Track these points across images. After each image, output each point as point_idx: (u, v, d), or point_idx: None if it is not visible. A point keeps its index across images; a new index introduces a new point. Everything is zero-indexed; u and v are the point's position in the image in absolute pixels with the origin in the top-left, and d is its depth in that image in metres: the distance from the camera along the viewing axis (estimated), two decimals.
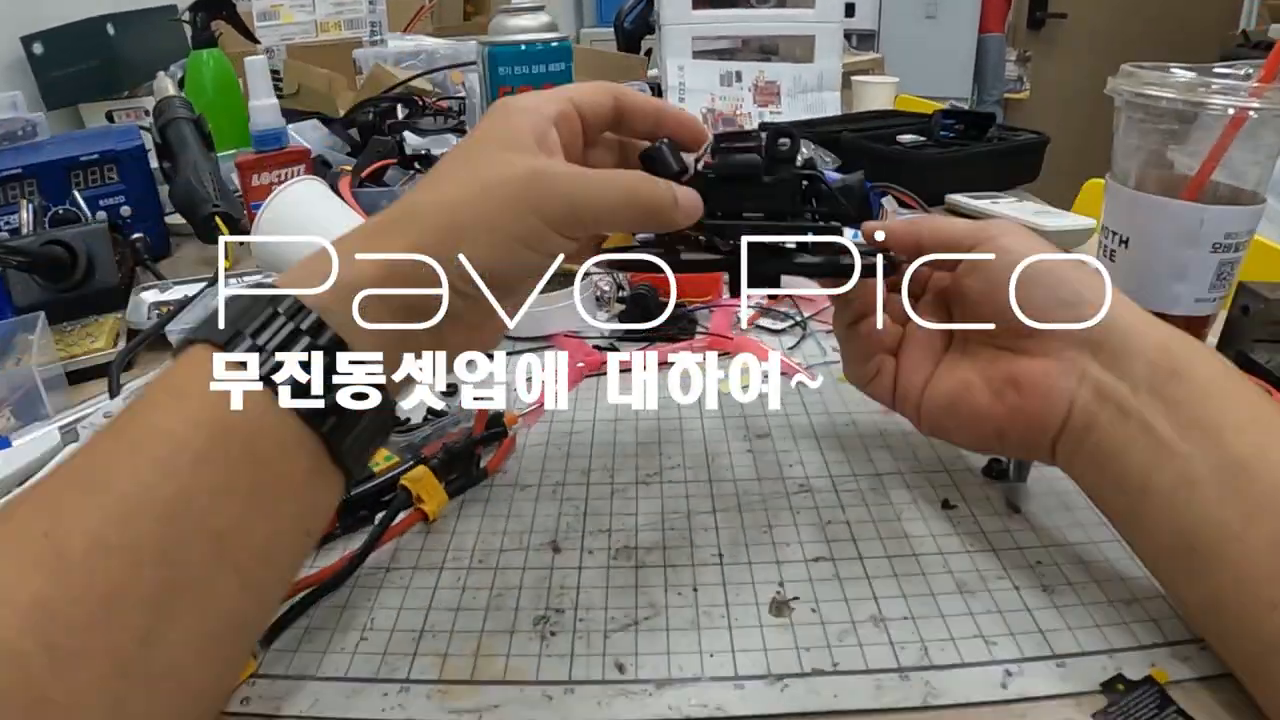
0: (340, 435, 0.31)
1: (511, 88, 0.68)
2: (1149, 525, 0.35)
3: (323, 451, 0.31)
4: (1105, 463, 0.36)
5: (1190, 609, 0.35)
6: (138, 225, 0.85)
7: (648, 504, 0.45)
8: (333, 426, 0.31)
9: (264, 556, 0.30)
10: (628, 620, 0.37)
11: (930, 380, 0.42)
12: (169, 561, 0.27)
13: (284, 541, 0.31)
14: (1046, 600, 0.37)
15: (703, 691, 0.33)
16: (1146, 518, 0.35)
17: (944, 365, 0.43)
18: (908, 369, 0.43)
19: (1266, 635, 0.30)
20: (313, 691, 0.34)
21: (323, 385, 0.31)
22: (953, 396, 0.41)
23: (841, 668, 0.34)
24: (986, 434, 0.40)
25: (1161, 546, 0.35)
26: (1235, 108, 0.52)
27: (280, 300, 0.31)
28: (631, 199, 0.36)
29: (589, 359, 0.59)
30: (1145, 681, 0.33)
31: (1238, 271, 0.57)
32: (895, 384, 0.44)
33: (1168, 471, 0.34)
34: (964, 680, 0.33)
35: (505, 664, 0.35)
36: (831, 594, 0.38)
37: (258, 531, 0.30)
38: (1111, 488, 0.36)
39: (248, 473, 0.29)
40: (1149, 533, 0.35)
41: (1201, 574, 0.33)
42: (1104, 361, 0.36)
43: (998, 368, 0.40)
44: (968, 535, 0.41)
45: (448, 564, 0.40)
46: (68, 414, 0.52)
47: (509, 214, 0.34)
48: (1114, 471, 0.36)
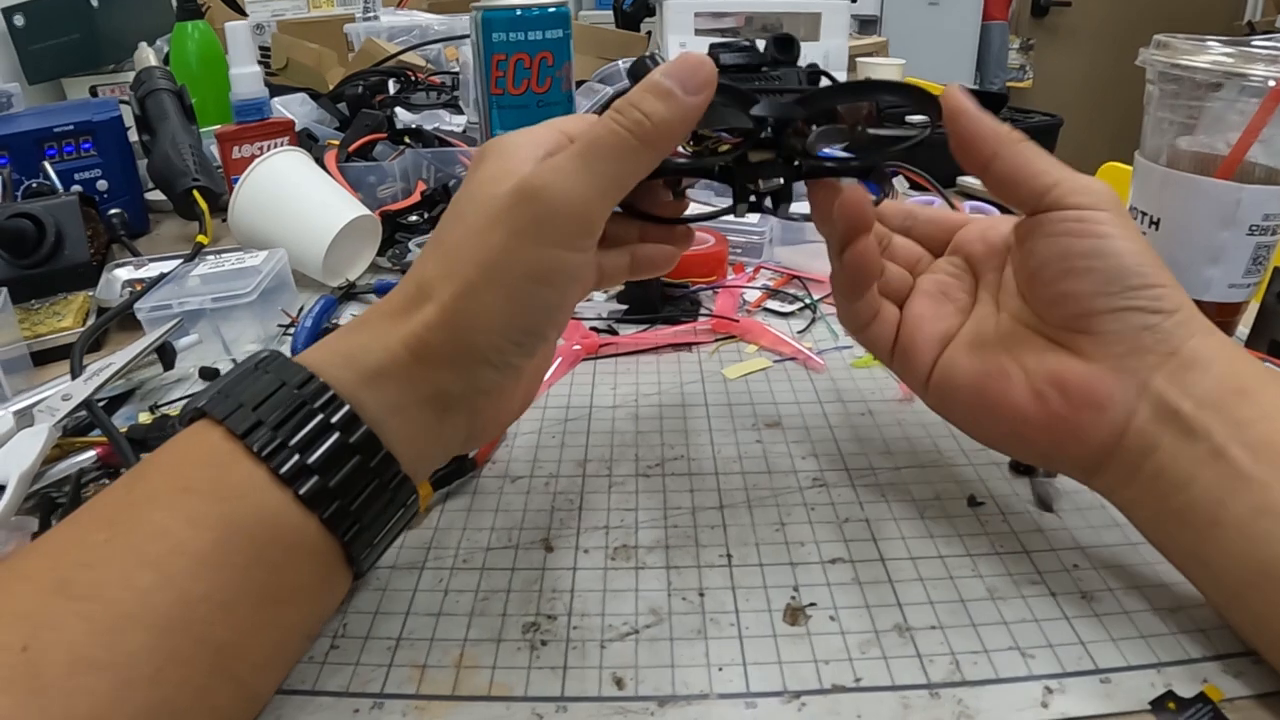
0: (362, 540, 0.29)
1: (505, 55, 0.64)
2: (1221, 560, 0.31)
3: (339, 557, 0.29)
4: (1168, 493, 0.32)
5: (1268, 646, 0.31)
6: (115, 200, 0.82)
7: (648, 499, 0.41)
8: (355, 532, 0.29)
9: (265, 667, 0.28)
10: (627, 629, 0.33)
11: (949, 349, 0.37)
12: (163, 680, 0.24)
13: (287, 650, 0.29)
14: (1086, 608, 0.34)
15: (710, 710, 0.30)
16: (1218, 552, 0.31)
17: (971, 337, 0.37)
18: (914, 324, 0.38)
19: None
20: (276, 707, 0.30)
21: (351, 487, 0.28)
22: (981, 382, 0.36)
23: (865, 684, 0.31)
24: (1007, 434, 0.36)
25: (1236, 582, 0.31)
26: (1276, 79, 0.49)
27: (294, 375, 0.29)
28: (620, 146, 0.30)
29: (586, 341, 0.55)
30: (1198, 699, 0.30)
31: (1274, 256, 0.53)
32: (896, 338, 0.39)
33: (1243, 500, 0.30)
34: (1000, 698, 0.30)
35: (491, 677, 0.31)
36: (852, 600, 0.34)
37: (262, 642, 0.27)
38: (1174, 521, 0.32)
39: (256, 581, 0.27)
40: (1221, 568, 0.31)
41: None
42: (1171, 373, 0.32)
43: (1044, 362, 0.34)
44: (997, 535, 0.38)
45: (429, 563, 0.37)
46: (25, 396, 0.48)
47: (513, 256, 0.30)
48: (1178, 503, 0.32)
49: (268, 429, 0.28)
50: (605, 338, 0.56)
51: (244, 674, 0.27)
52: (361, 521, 0.29)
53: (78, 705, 0.23)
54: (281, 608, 0.28)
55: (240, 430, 0.28)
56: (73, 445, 0.45)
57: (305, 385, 0.29)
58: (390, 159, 0.79)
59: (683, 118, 0.30)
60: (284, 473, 0.27)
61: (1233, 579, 0.31)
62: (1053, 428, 0.34)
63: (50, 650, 0.24)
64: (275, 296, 0.60)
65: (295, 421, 0.28)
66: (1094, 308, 0.33)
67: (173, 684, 0.25)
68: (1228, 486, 0.30)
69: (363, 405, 0.29)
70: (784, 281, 0.65)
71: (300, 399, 0.28)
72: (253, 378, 0.30)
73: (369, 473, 0.29)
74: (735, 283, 0.64)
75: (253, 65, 0.81)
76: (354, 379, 0.29)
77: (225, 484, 0.27)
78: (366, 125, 0.85)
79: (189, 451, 0.29)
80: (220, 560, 0.26)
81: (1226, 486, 0.30)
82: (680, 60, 0.31)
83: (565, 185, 0.29)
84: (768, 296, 0.63)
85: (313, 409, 0.28)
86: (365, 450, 0.29)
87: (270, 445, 0.28)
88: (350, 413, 0.29)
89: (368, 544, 0.30)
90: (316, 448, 0.28)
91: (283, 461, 0.27)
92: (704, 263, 0.64)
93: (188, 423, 0.30)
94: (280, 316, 0.60)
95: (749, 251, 0.69)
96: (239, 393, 0.29)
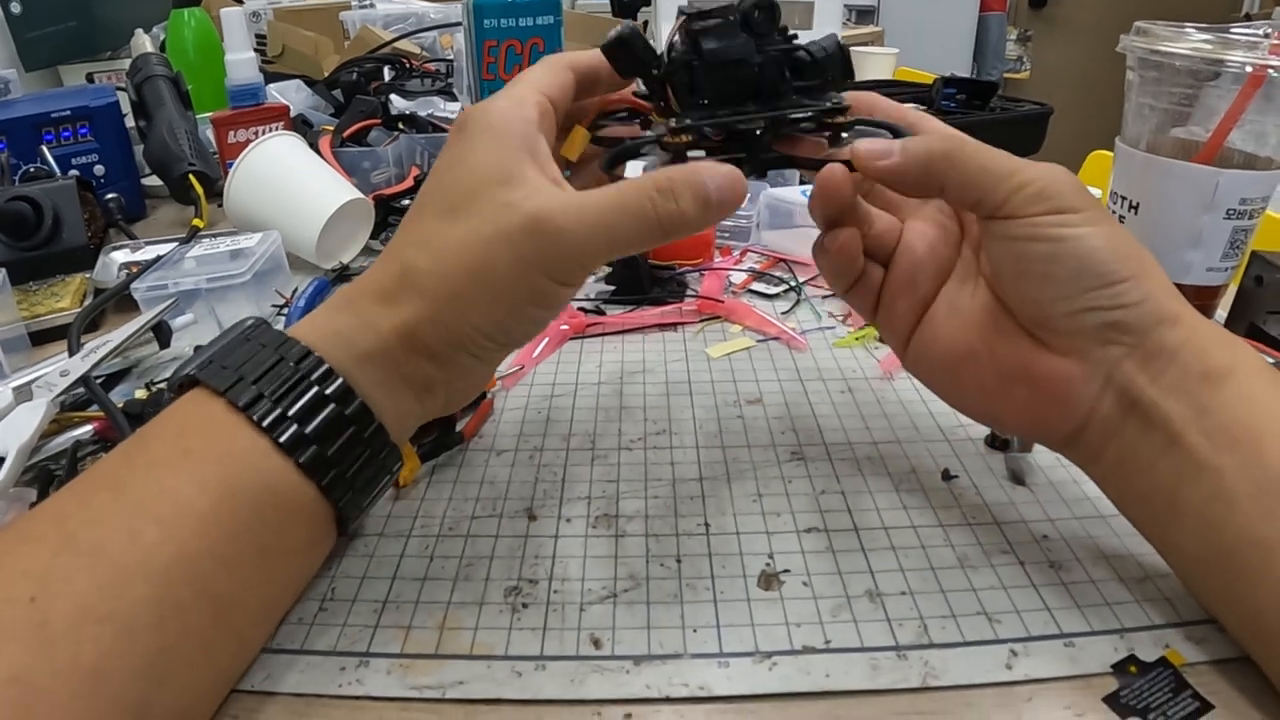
0: (353, 504, 0.31)
1: (497, 42, 0.65)
2: (1180, 542, 0.32)
3: (328, 517, 0.31)
4: (1130, 477, 0.33)
5: (1229, 624, 0.32)
6: (112, 185, 0.82)
7: (630, 470, 0.42)
8: (349, 496, 0.31)
9: (261, 619, 0.30)
10: (605, 592, 0.34)
11: (926, 319, 0.37)
12: (164, 629, 0.26)
13: (280, 604, 0.31)
14: (1054, 576, 0.35)
15: (684, 669, 0.31)
16: (1178, 534, 0.32)
17: (948, 307, 0.37)
18: (895, 290, 0.37)
19: None
20: (264, 665, 0.31)
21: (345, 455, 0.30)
22: (953, 363, 0.36)
23: (834, 645, 0.32)
24: (979, 411, 0.37)
25: (1196, 563, 0.32)
26: (1254, 65, 0.49)
27: (291, 349, 0.30)
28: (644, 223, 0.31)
29: (573, 321, 0.56)
30: (1159, 663, 0.31)
31: (1251, 240, 0.54)
32: (879, 298, 0.38)
33: (1200, 487, 0.30)
34: (966, 660, 0.31)
35: (473, 638, 0.32)
36: (825, 567, 0.35)
37: (258, 597, 0.29)
38: (1138, 502, 0.33)
39: (254, 540, 0.28)
40: (1181, 549, 0.32)
41: (1243, 594, 0.30)
42: (1137, 363, 0.32)
43: (1013, 351, 0.34)
44: (969, 507, 0.39)
45: (415, 531, 0.38)
46: (24, 373, 0.49)
47: (513, 280, 0.31)
48: (1140, 487, 0.33)
49: (268, 400, 0.29)
50: (592, 318, 0.57)
51: (241, 626, 0.28)
52: (355, 486, 0.31)
53: (84, 653, 0.24)
54: (277, 565, 0.29)
55: (242, 402, 0.29)
56: (70, 420, 0.46)
57: (303, 360, 0.30)
58: (384, 144, 0.80)
59: (706, 224, 0.32)
60: (284, 441, 0.29)
61: (1192, 560, 0.32)
62: (1020, 413, 0.35)
63: (57, 601, 0.25)
64: (270, 278, 0.61)
65: (295, 394, 0.29)
66: (1053, 312, 0.33)
67: (174, 634, 0.26)
68: (1184, 474, 0.31)
69: (355, 381, 0.30)
70: (770, 265, 0.66)
71: (299, 373, 0.30)
72: (247, 349, 0.31)
73: (363, 442, 0.31)
74: (722, 265, 0.65)
75: (248, 51, 0.82)
76: (346, 357, 0.31)
77: (227, 450, 0.29)
78: (361, 111, 0.86)
79: (189, 420, 0.30)
80: (221, 519, 0.27)
81: (1183, 474, 0.31)
82: (729, 178, 0.31)
83: (583, 233, 0.30)
84: (754, 279, 0.64)
85: (310, 382, 0.30)
86: (359, 421, 0.30)
87: (271, 416, 0.29)
88: (345, 386, 0.30)
89: (357, 506, 0.32)
90: (314, 418, 0.29)
91: (283, 431, 0.29)
92: (691, 245, 0.64)
93: (179, 389, 0.31)
94: (274, 297, 0.61)
95: (736, 235, 0.70)
96: (236, 363, 0.30)
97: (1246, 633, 0.31)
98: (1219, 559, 0.30)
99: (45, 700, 0.23)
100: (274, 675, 0.31)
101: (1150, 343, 0.32)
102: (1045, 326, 0.34)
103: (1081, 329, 0.33)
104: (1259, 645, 0.30)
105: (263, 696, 0.30)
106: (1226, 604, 0.31)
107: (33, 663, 0.24)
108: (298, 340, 0.31)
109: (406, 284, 0.31)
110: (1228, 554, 0.30)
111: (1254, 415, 0.30)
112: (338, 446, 0.30)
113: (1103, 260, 0.32)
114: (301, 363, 0.30)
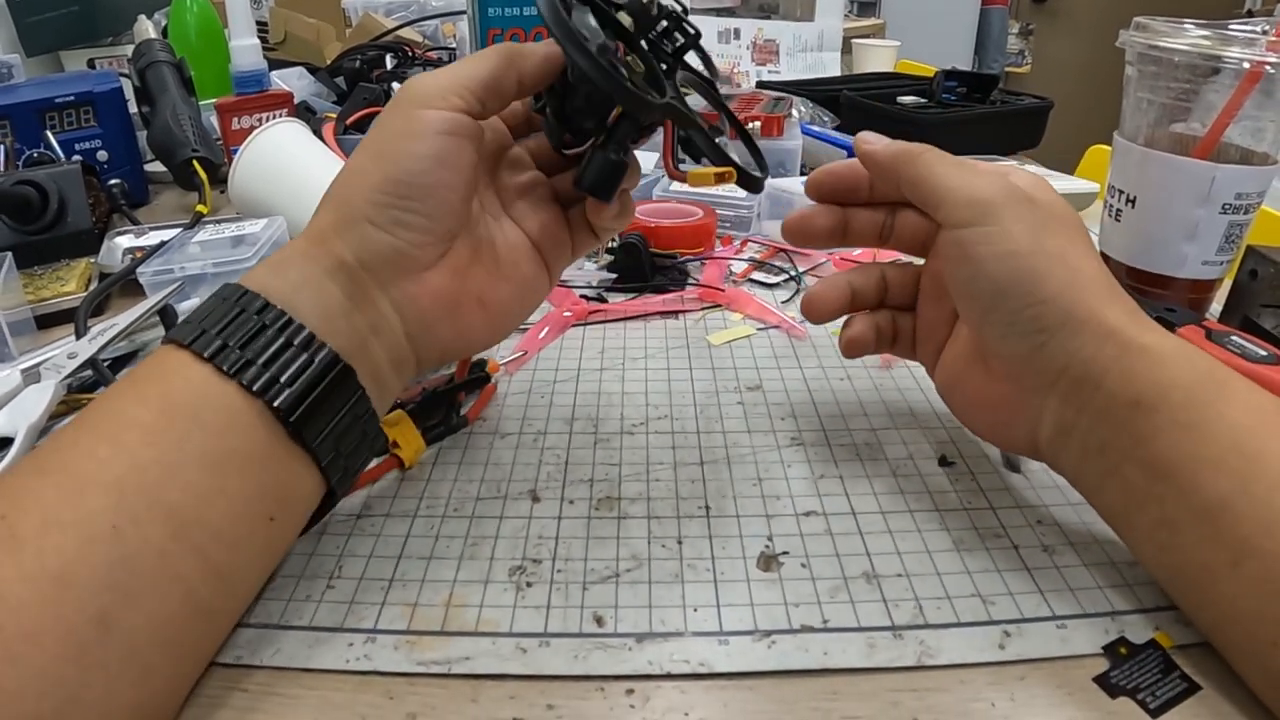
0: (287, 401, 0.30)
1: (501, 30, 0.65)
2: (1140, 554, 0.33)
3: (277, 427, 0.31)
4: (1087, 493, 0.35)
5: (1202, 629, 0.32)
6: (115, 170, 0.83)
7: (632, 454, 0.43)
8: (274, 390, 0.30)
9: (224, 539, 0.29)
10: (608, 572, 0.35)
11: (944, 356, 0.40)
12: (122, 537, 0.27)
13: (245, 523, 0.30)
14: (1047, 560, 0.36)
15: (685, 646, 0.31)
16: (1136, 548, 0.33)
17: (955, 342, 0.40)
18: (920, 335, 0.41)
19: (1274, 671, 0.28)
20: (274, 640, 0.32)
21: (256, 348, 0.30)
22: (950, 382, 0.40)
23: (832, 625, 0.32)
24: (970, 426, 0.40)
25: (1157, 577, 0.33)
26: (1251, 61, 0.50)
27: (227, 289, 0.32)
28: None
29: (576, 308, 0.57)
30: (1149, 645, 0.32)
31: (1247, 234, 0.55)
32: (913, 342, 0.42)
33: (1146, 512, 0.31)
34: (960, 640, 0.32)
35: (478, 615, 0.33)
36: (823, 549, 0.36)
37: (214, 509, 0.29)
38: (1100, 511, 0.35)
39: (196, 443, 0.29)
40: (1143, 560, 0.34)
41: (1194, 612, 0.31)
42: (1064, 392, 0.33)
43: (975, 380, 0.38)
44: (965, 492, 0.40)
45: (421, 512, 0.39)
46: (32, 355, 0.50)
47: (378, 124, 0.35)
48: (1098, 503, 0.34)
49: (194, 325, 0.31)
50: (595, 304, 0.58)
51: (203, 542, 0.28)
52: (279, 381, 0.30)
53: (48, 560, 0.25)
54: (226, 475, 0.29)
55: (179, 335, 0.31)
56: (78, 401, 0.46)
57: (234, 295, 0.32)
58: None
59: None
60: (206, 352, 0.30)
61: (1152, 569, 0.33)
62: (987, 431, 0.39)
63: (25, 515, 0.26)
64: None
65: (219, 316, 0.31)
66: (984, 335, 0.36)
67: (132, 542, 0.27)
68: (1130, 499, 0.32)
69: (268, 288, 0.32)
70: (770, 254, 0.66)
71: (221, 296, 0.32)
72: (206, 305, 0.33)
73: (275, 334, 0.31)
74: (723, 255, 0.66)
75: (252, 38, 0.82)
76: (262, 271, 0.33)
77: (162, 368, 0.31)
78: (364, 99, 0.86)
79: (146, 362, 0.32)
80: (163, 429, 0.29)
81: (1129, 499, 0.32)
82: None
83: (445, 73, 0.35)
84: (754, 268, 0.64)
85: (231, 303, 0.31)
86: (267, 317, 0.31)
87: (194, 335, 0.31)
88: (256, 296, 0.31)
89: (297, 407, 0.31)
90: (231, 327, 0.31)
91: (206, 344, 0.30)
92: (693, 235, 0.65)
93: None
94: None
95: (737, 225, 0.71)
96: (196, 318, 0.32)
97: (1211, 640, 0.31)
98: (1171, 577, 0.32)
99: (13, 603, 0.25)
100: (284, 650, 0.31)
101: (1075, 369, 0.33)
102: (985, 349, 0.36)
103: (1012, 353, 0.34)
104: (1222, 652, 0.31)
105: (273, 672, 0.31)
106: (1193, 614, 0.32)
107: (3, 570, 0.25)
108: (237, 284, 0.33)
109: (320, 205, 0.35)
110: (1178, 573, 0.31)
111: (1187, 442, 0.30)
112: (243, 339, 0.30)
113: (1019, 280, 0.33)
114: (231, 296, 0.32)
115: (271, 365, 0.30)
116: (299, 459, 0.31)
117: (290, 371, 0.30)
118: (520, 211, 0.38)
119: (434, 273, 0.34)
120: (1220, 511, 0.29)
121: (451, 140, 0.33)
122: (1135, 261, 0.57)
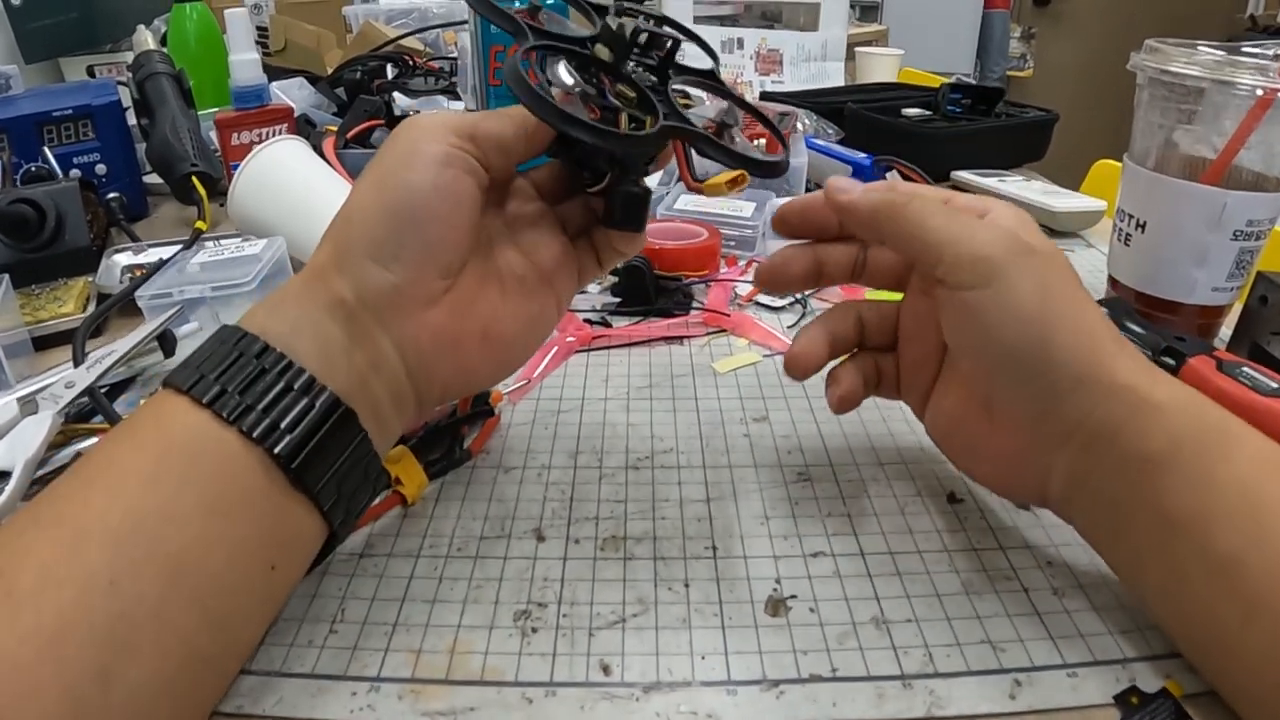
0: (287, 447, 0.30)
1: (504, 46, 0.65)
2: (1148, 602, 0.33)
3: (277, 473, 0.30)
4: (1097, 545, 0.34)
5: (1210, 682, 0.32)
6: (114, 184, 0.82)
7: (637, 489, 0.42)
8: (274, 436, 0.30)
9: (225, 588, 0.29)
10: (615, 617, 0.34)
11: (931, 399, 0.40)
12: (119, 592, 0.26)
13: (244, 573, 0.29)
14: (1057, 604, 0.35)
15: (693, 697, 0.31)
16: (1147, 597, 0.33)
17: (944, 383, 0.39)
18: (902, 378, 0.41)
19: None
20: (277, 689, 0.31)
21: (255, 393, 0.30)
22: (945, 428, 0.39)
23: (841, 674, 0.32)
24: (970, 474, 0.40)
25: (1168, 629, 0.33)
26: (1263, 88, 0.49)
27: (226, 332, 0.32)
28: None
29: (579, 333, 0.56)
30: (1160, 694, 0.31)
31: (1258, 260, 0.55)
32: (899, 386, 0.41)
33: (1156, 568, 0.31)
34: (970, 690, 0.31)
35: (483, 662, 0.32)
36: (831, 592, 0.36)
37: (214, 557, 0.28)
38: (1110, 562, 0.35)
39: (195, 491, 0.28)
40: (1151, 609, 0.33)
41: (1204, 665, 0.31)
42: (1075, 450, 0.33)
43: (980, 434, 0.37)
44: (975, 532, 0.39)
45: (424, 551, 0.38)
46: (29, 383, 0.49)
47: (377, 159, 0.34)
48: (1107, 556, 0.34)
49: (192, 369, 0.30)
50: (598, 330, 0.57)
51: (203, 592, 0.28)
52: (280, 426, 0.30)
53: (45, 618, 0.25)
54: (227, 521, 0.29)
55: (177, 381, 0.30)
56: (76, 432, 0.46)
57: (233, 338, 0.31)
58: None
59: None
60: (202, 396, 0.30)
61: (1161, 624, 0.33)
62: (991, 481, 0.38)
63: (21, 571, 0.26)
64: (274, 283, 0.61)
65: (215, 358, 0.31)
66: (989, 391, 0.35)
67: (130, 595, 0.26)
68: (1141, 553, 0.32)
69: (267, 330, 0.31)
70: None
71: (220, 338, 0.32)
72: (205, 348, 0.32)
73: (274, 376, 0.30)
74: (727, 276, 0.65)
75: (252, 53, 0.82)
76: (261, 311, 0.33)
77: (159, 414, 0.30)
78: (365, 111, 0.86)
79: (143, 409, 0.31)
80: (161, 476, 0.28)
81: (1140, 553, 0.32)
82: None
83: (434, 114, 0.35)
84: (759, 290, 0.64)
85: (228, 343, 0.31)
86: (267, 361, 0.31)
87: (193, 381, 0.30)
88: (252, 336, 0.31)
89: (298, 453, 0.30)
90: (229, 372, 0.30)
91: (204, 389, 0.30)
92: (697, 256, 0.64)
93: None
94: None
95: (741, 245, 0.70)
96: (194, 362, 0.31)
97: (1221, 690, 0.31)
98: (1181, 628, 0.32)
99: (11, 664, 0.24)
100: (286, 699, 0.31)
101: (1088, 427, 0.32)
102: (989, 403, 0.36)
103: (1020, 417, 0.34)
104: (1233, 703, 0.30)
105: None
106: (1199, 667, 0.32)
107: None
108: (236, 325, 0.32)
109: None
110: (1188, 628, 0.31)
111: (1198, 499, 0.30)
112: (247, 387, 0.30)
113: (1030, 345, 0.33)
114: (229, 339, 0.31)
115: (271, 410, 0.30)
116: (300, 504, 0.31)
117: (290, 417, 0.30)
118: (529, 243, 0.38)
119: (435, 311, 0.34)
120: (1232, 566, 0.29)
121: (449, 172, 0.33)
122: (1144, 287, 0.57)
